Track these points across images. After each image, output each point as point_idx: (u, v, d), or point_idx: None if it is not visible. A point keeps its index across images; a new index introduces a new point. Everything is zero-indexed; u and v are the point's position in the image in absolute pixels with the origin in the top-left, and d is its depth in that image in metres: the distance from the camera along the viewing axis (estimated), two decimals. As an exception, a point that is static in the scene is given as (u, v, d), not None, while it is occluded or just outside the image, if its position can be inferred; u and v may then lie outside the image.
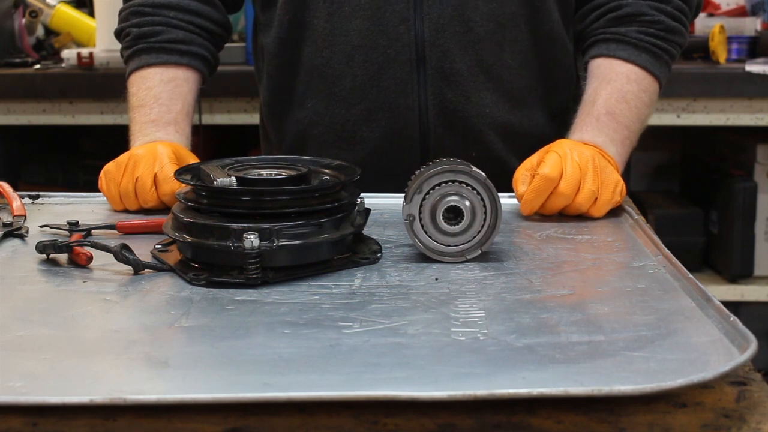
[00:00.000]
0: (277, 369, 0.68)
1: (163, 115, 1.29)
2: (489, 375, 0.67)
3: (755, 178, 2.54)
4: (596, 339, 0.73)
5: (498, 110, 1.33)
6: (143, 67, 1.33)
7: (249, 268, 0.87)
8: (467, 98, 1.31)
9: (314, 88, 1.34)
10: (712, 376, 0.63)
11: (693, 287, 0.83)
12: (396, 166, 1.30)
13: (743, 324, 0.72)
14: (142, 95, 1.31)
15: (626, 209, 1.15)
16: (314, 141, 1.36)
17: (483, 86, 1.31)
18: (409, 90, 1.30)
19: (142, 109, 1.29)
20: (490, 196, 0.95)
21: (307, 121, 1.36)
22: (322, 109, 1.34)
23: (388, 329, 0.76)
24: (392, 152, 1.33)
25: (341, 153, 1.33)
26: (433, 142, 1.32)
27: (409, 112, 1.31)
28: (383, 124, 1.32)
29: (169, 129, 1.27)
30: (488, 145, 1.33)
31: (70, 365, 0.70)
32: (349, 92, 1.32)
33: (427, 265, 0.95)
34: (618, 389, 0.62)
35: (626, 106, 1.27)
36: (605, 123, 1.25)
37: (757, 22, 2.57)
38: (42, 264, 0.96)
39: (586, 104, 1.28)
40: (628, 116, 1.26)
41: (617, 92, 1.27)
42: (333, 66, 1.31)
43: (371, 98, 1.31)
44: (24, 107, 2.36)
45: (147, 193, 1.15)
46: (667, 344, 0.72)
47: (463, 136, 1.32)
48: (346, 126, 1.33)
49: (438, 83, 1.30)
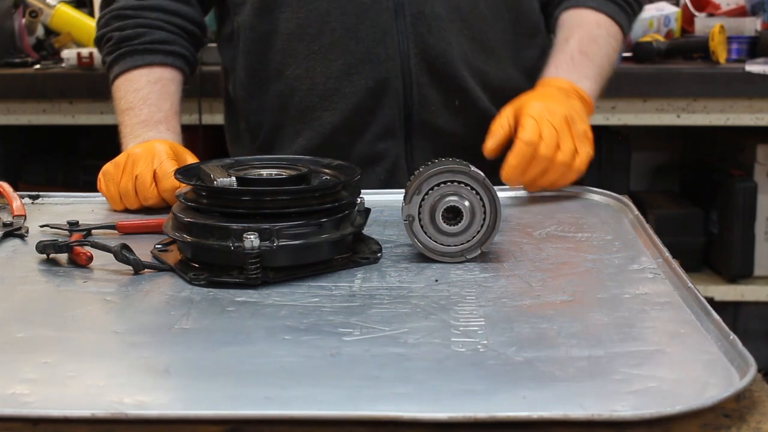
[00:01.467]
0: (278, 381, 0.68)
1: (153, 114, 1.29)
2: (489, 393, 0.67)
3: (755, 178, 2.54)
4: (596, 354, 0.73)
5: (476, 59, 1.34)
6: (129, 70, 1.32)
7: (249, 268, 0.87)
8: (448, 43, 1.31)
9: (293, 53, 1.33)
10: (711, 404, 0.63)
11: (692, 298, 0.83)
12: (379, 121, 1.32)
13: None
14: (130, 98, 1.31)
15: (628, 205, 1.15)
16: (295, 109, 1.35)
17: (461, 33, 1.32)
18: (389, 39, 1.30)
19: (131, 111, 1.29)
20: (489, 195, 0.95)
21: (288, 91, 1.35)
22: (302, 73, 1.33)
23: (388, 337, 0.76)
24: (375, 107, 1.32)
25: (324, 114, 1.33)
26: (416, 92, 1.32)
27: (391, 61, 1.30)
28: (365, 77, 1.31)
29: (160, 128, 1.27)
30: (470, 93, 1.33)
31: (71, 371, 0.70)
32: (328, 48, 1.31)
33: (427, 265, 0.95)
34: (618, 415, 0.62)
35: (597, 47, 1.36)
36: (579, 61, 1.33)
37: (757, 22, 2.57)
38: (42, 264, 0.96)
39: (560, 44, 1.36)
40: (598, 56, 1.36)
41: (588, 35, 1.37)
42: (311, 25, 1.31)
43: (351, 51, 1.31)
44: (24, 107, 2.36)
45: (147, 190, 1.15)
46: (667, 362, 0.72)
47: (446, 85, 1.32)
48: (328, 84, 1.32)
49: (418, 29, 1.30)
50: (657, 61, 2.39)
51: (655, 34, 2.49)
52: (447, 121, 1.34)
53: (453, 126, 1.35)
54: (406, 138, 1.35)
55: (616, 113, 2.35)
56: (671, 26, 2.58)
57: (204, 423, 0.62)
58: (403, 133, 1.34)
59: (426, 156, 1.33)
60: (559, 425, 0.62)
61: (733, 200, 2.52)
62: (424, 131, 1.34)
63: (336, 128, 1.33)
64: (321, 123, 1.34)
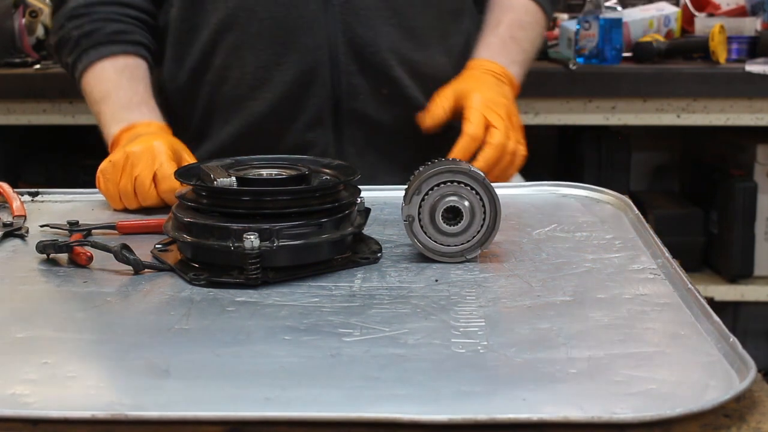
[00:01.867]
0: (278, 381, 0.68)
1: (131, 98, 1.30)
2: (489, 394, 0.67)
3: (755, 178, 2.54)
4: (596, 355, 0.72)
5: (404, 47, 1.35)
6: (93, 63, 1.33)
7: (249, 269, 0.87)
8: (376, 32, 1.32)
9: (222, 43, 1.34)
10: (711, 406, 0.63)
11: (693, 299, 0.83)
12: (308, 110, 1.33)
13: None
14: (103, 87, 1.32)
15: (628, 204, 1.15)
16: (225, 98, 1.36)
17: (389, 22, 1.34)
18: (318, 28, 1.31)
19: (107, 99, 1.30)
20: (489, 195, 0.95)
21: (217, 80, 1.36)
22: (232, 62, 1.34)
23: (388, 338, 0.76)
24: (304, 95, 1.33)
25: (253, 104, 1.34)
26: (345, 81, 1.33)
27: (319, 50, 1.31)
28: (293, 66, 1.32)
29: (142, 109, 1.29)
30: (397, 82, 1.35)
31: (71, 371, 0.70)
32: (256, 38, 1.32)
33: (427, 265, 0.95)
34: (618, 417, 0.62)
35: (525, 33, 1.42)
36: (509, 46, 1.40)
37: (757, 22, 2.57)
38: (42, 264, 0.96)
39: (491, 27, 1.41)
40: (526, 41, 1.42)
41: (518, 21, 1.42)
42: (239, 14, 1.32)
43: (279, 41, 1.32)
44: (24, 107, 2.36)
45: (146, 192, 1.15)
46: (667, 363, 0.71)
47: (373, 74, 1.34)
48: (257, 73, 1.33)
49: (346, 18, 1.31)
50: (657, 61, 2.39)
51: (655, 34, 2.49)
52: (375, 109, 1.36)
53: (381, 115, 1.36)
54: (334, 127, 1.36)
55: (616, 113, 2.35)
56: (671, 26, 2.58)
57: (204, 424, 0.62)
58: (332, 122, 1.36)
59: (355, 145, 1.35)
60: (559, 427, 0.62)
61: (733, 200, 2.52)
62: (353, 120, 1.36)
63: (265, 117, 1.35)
64: (250, 112, 1.35)
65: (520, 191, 1.25)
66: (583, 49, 2.36)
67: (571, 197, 1.23)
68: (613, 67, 2.35)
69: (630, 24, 2.49)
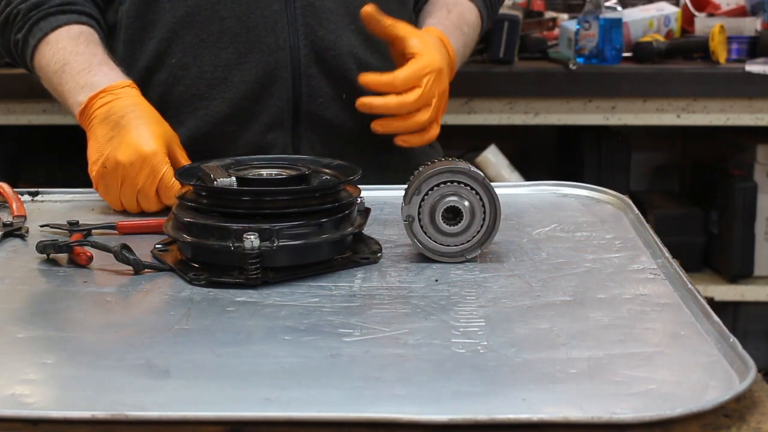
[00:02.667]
0: (278, 382, 0.68)
1: (90, 60, 1.26)
2: (489, 395, 0.67)
3: (755, 178, 2.54)
4: (596, 355, 0.73)
5: (363, 53, 1.36)
6: (46, 35, 1.28)
7: (249, 269, 0.87)
8: (338, 36, 1.33)
9: (179, 42, 1.32)
10: (711, 406, 0.63)
11: (693, 299, 0.83)
12: (267, 111, 1.32)
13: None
14: (60, 56, 1.27)
15: (628, 204, 1.15)
16: (179, 98, 1.33)
17: (348, 27, 1.34)
18: (280, 29, 1.30)
19: (67, 66, 1.25)
20: (489, 195, 0.95)
21: (171, 79, 1.33)
22: (189, 61, 1.32)
23: (388, 338, 0.76)
24: (264, 96, 1.32)
25: (211, 103, 1.32)
26: (305, 83, 1.32)
27: (281, 51, 1.31)
28: (254, 66, 1.31)
29: (104, 69, 1.24)
30: (356, 86, 1.32)
31: (72, 371, 0.71)
32: (217, 37, 1.31)
33: (427, 265, 0.95)
34: (618, 417, 0.62)
35: (468, 30, 1.44)
36: (457, 35, 1.40)
37: (757, 22, 2.57)
38: (42, 264, 0.96)
39: (440, 10, 1.42)
40: (468, 39, 1.44)
41: (464, 18, 1.44)
42: (200, 13, 1.30)
43: (241, 40, 1.30)
44: (24, 107, 2.36)
45: (150, 202, 1.15)
46: (667, 363, 0.72)
47: (334, 76, 1.34)
48: (216, 72, 1.32)
49: (308, 20, 1.31)
50: (657, 61, 2.39)
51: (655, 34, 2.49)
52: (334, 113, 1.35)
53: (340, 118, 1.36)
54: (293, 129, 1.35)
55: (616, 113, 2.35)
56: (671, 26, 2.58)
57: (204, 424, 0.62)
58: (291, 124, 1.35)
59: (312, 147, 1.34)
60: (559, 428, 0.62)
61: (733, 200, 2.52)
62: (312, 122, 1.35)
63: (223, 117, 1.33)
64: (207, 112, 1.33)
65: (520, 191, 1.25)
66: (583, 49, 2.36)
67: (571, 197, 1.23)
68: (613, 67, 2.35)
69: (630, 24, 2.49)
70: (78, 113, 1.23)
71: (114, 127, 1.18)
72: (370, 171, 0.98)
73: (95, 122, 1.19)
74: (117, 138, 1.16)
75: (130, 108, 1.20)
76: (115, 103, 1.20)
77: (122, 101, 1.21)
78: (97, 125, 1.19)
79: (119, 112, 1.19)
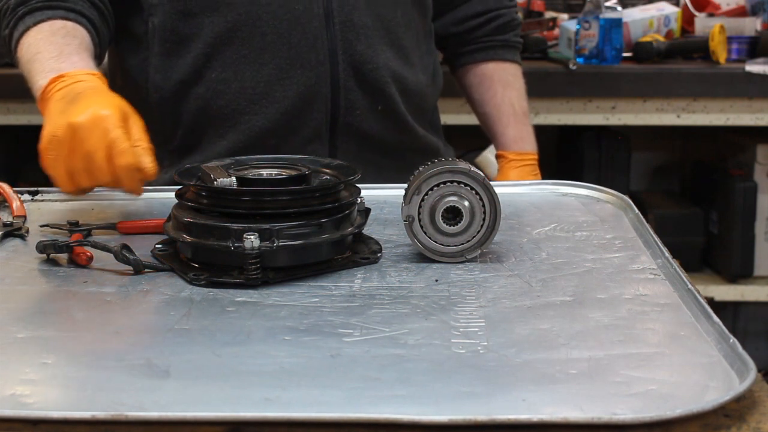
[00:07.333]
0: (278, 382, 0.68)
1: (62, 49, 1.22)
2: (489, 395, 0.67)
3: (755, 178, 2.54)
4: (596, 356, 0.72)
5: (396, 65, 1.39)
6: (29, 29, 1.25)
7: (249, 269, 0.87)
8: (374, 50, 1.35)
9: (218, 57, 1.33)
10: (711, 407, 0.63)
11: (692, 300, 0.83)
12: (307, 125, 1.34)
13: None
14: (33, 47, 1.23)
15: (628, 203, 1.15)
16: (219, 112, 1.33)
17: (383, 41, 1.37)
18: (320, 45, 1.32)
19: (38, 55, 1.21)
20: (488, 196, 0.95)
21: (210, 93, 1.33)
22: (229, 76, 1.33)
23: (388, 338, 0.76)
24: (304, 111, 1.34)
25: (253, 118, 1.33)
26: (343, 97, 1.35)
27: (321, 67, 1.33)
28: (296, 82, 1.32)
29: (73, 59, 1.20)
30: (391, 99, 1.38)
31: (72, 371, 0.70)
32: (258, 53, 1.32)
33: (427, 265, 0.95)
34: (618, 418, 0.62)
35: (526, 102, 1.59)
36: (529, 126, 1.58)
37: (757, 22, 2.57)
38: (42, 264, 0.96)
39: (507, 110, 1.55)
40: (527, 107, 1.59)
41: (520, 93, 1.58)
42: (241, 29, 1.31)
43: (282, 56, 1.32)
44: (24, 107, 2.36)
45: (101, 169, 1.04)
46: (667, 364, 0.71)
47: (371, 89, 1.36)
48: (258, 87, 1.33)
49: (347, 36, 1.33)
50: (657, 61, 2.39)
51: (655, 34, 2.49)
52: (370, 125, 1.38)
53: (375, 129, 1.39)
54: (330, 140, 1.37)
55: (616, 113, 2.35)
56: (671, 26, 2.58)
57: (204, 424, 0.62)
58: (328, 136, 1.37)
59: (348, 158, 1.35)
60: (559, 428, 0.62)
61: (733, 200, 2.52)
62: (348, 134, 1.38)
63: (264, 132, 1.34)
64: (249, 126, 1.34)
65: (520, 191, 1.25)
66: (583, 49, 2.36)
67: (571, 196, 1.23)
68: (613, 67, 2.35)
69: (630, 24, 2.49)
70: (38, 98, 1.18)
71: (70, 102, 1.10)
72: (402, 180, 1.00)
73: (51, 103, 1.12)
74: (70, 108, 1.08)
75: (90, 89, 1.14)
76: (75, 86, 1.14)
77: (83, 84, 1.14)
78: (53, 104, 1.11)
79: (76, 91, 1.13)
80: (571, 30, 2.38)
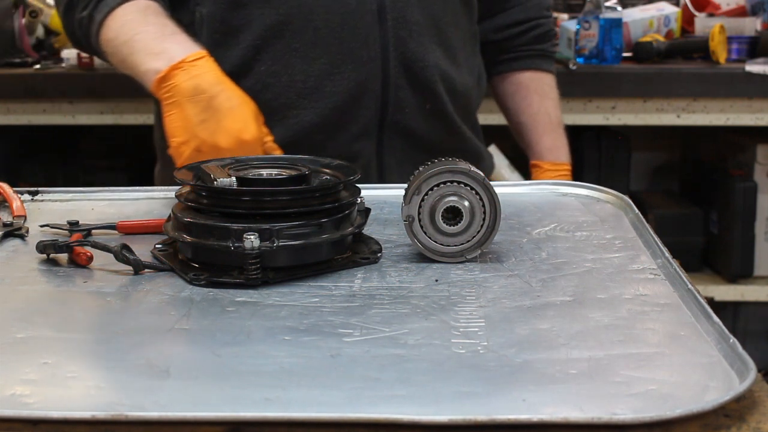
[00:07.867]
0: (278, 382, 0.68)
1: (162, 29, 1.24)
2: (489, 395, 0.67)
3: (755, 178, 2.54)
4: (596, 356, 0.72)
5: (445, 64, 1.38)
6: (113, 9, 1.27)
7: (249, 269, 0.87)
8: (425, 48, 1.35)
9: (268, 49, 1.32)
10: (711, 407, 0.63)
11: (692, 300, 0.83)
12: (356, 121, 1.33)
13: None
14: (128, 28, 1.25)
15: (628, 203, 1.15)
16: (267, 106, 1.31)
17: (433, 39, 1.36)
18: (372, 41, 1.31)
19: (136, 36, 1.23)
20: (489, 195, 0.95)
21: (259, 86, 1.33)
22: (279, 69, 1.32)
23: (388, 338, 0.76)
24: (353, 107, 1.33)
25: (301, 113, 1.33)
26: (392, 95, 1.34)
27: (372, 63, 1.32)
28: (347, 77, 1.32)
29: (177, 38, 1.23)
30: (438, 98, 1.38)
31: (71, 371, 0.70)
32: (309, 47, 1.31)
33: (427, 265, 0.95)
34: (618, 418, 0.62)
35: (560, 111, 1.62)
36: (564, 136, 1.60)
37: (757, 22, 2.57)
38: (42, 264, 0.96)
39: (544, 120, 1.58)
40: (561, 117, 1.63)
41: (556, 103, 1.61)
42: (292, 21, 1.30)
43: (333, 51, 1.31)
44: (24, 107, 2.36)
45: None
46: (667, 364, 0.71)
47: (420, 87, 1.36)
48: (308, 82, 1.32)
49: (399, 33, 1.33)
50: (657, 61, 2.39)
51: (655, 34, 2.49)
52: (418, 123, 1.38)
53: (422, 128, 1.38)
54: (377, 137, 1.37)
55: (616, 113, 2.35)
56: (671, 26, 2.58)
57: (204, 424, 0.62)
58: (376, 133, 1.36)
59: (395, 156, 1.35)
60: (559, 428, 0.62)
61: (733, 200, 2.52)
62: (396, 132, 1.37)
63: (313, 127, 1.33)
64: (298, 121, 1.33)
65: (520, 190, 1.25)
66: (583, 49, 2.36)
67: (571, 196, 1.23)
68: (613, 67, 2.36)
69: (630, 24, 2.49)
70: (155, 81, 1.20)
71: (206, 108, 1.16)
72: None
73: (182, 99, 1.17)
74: (212, 121, 1.15)
75: (218, 87, 1.18)
76: (201, 79, 1.18)
77: (207, 77, 1.18)
78: (186, 102, 1.17)
79: (208, 91, 1.17)
80: (571, 30, 2.38)
